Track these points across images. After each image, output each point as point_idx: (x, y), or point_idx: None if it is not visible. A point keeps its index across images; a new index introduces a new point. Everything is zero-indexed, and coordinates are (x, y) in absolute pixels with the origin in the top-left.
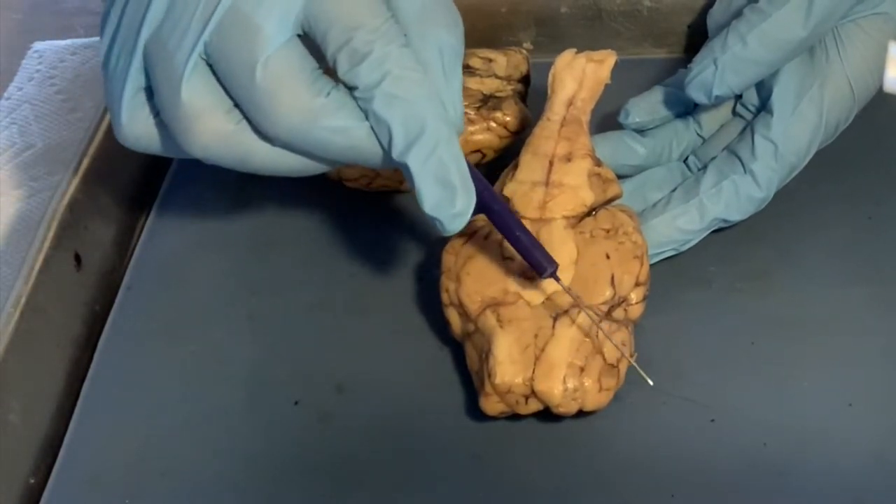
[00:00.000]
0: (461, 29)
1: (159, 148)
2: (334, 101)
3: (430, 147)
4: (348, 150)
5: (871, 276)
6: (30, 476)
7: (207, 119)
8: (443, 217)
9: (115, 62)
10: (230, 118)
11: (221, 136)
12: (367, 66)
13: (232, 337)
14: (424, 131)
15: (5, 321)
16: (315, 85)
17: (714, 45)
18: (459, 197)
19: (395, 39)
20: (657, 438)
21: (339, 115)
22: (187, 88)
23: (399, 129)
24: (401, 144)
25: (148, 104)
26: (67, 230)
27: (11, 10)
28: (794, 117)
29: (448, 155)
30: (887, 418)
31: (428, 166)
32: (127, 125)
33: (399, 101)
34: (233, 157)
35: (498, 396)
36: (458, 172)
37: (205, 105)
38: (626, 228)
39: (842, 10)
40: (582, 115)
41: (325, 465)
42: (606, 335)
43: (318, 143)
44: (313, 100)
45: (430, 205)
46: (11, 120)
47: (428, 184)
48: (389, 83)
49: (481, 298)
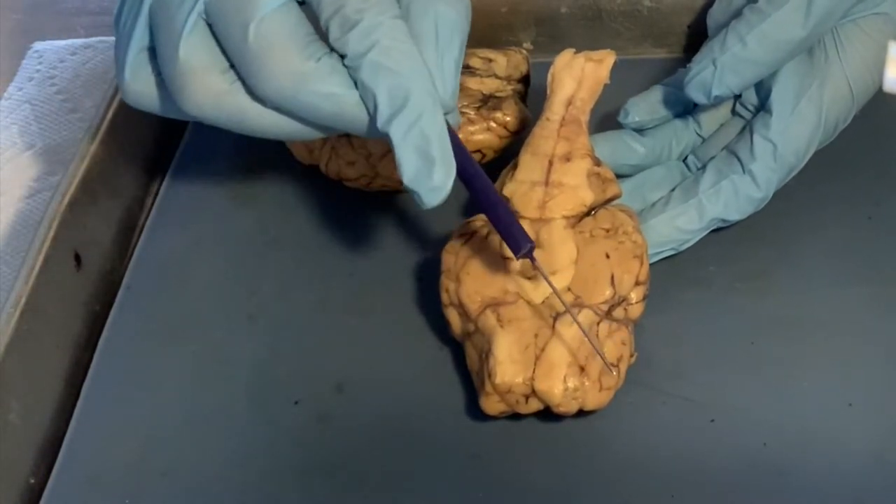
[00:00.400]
0: (465, 5)
1: (158, 107)
2: (325, 67)
3: (412, 118)
4: (336, 117)
5: (870, 276)
6: (30, 476)
7: (203, 78)
8: (420, 189)
9: (124, 22)
10: (225, 78)
11: (215, 96)
12: (357, 34)
13: (232, 337)
14: (408, 102)
15: (5, 321)
16: (307, 49)
17: (713, 45)
18: (437, 170)
19: (388, 10)
20: (657, 438)
21: (329, 81)
22: (185, 47)
23: (384, 98)
24: (385, 114)
25: (150, 64)
26: (67, 230)
27: (11, 10)
28: (793, 117)
29: (430, 127)
30: (887, 418)
31: (409, 138)
32: (130, 82)
33: (385, 70)
34: (226, 117)
35: (498, 396)
36: (438, 146)
37: (201, 64)
38: (625, 228)
39: (841, 10)
40: (581, 114)
41: (325, 465)
42: (587, 333)
43: (306, 107)
44: (303, 64)
45: (409, 176)
46: (11, 120)
47: (408, 155)
48: (377, 52)
49: (481, 298)
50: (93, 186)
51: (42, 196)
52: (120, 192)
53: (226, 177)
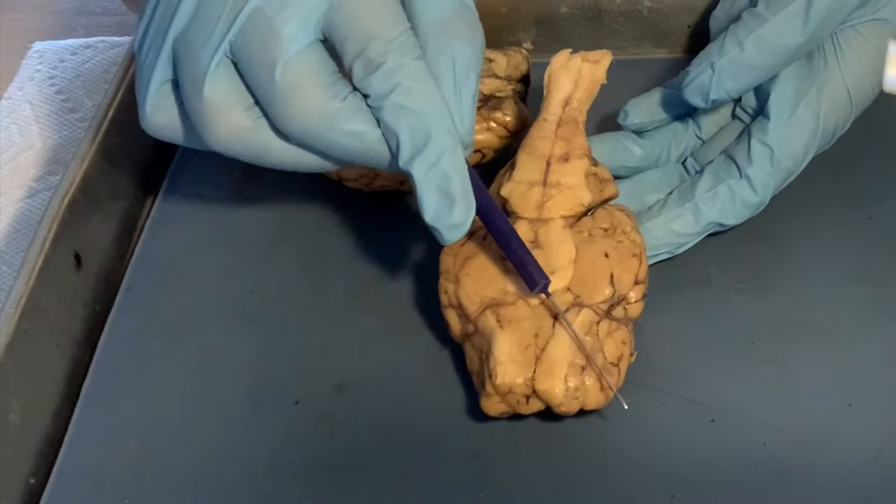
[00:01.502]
0: (481, 43)
1: (181, 139)
2: (350, 106)
3: (433, 158)
4: (360, 153)
5: (870, 277)
6: (30, 476)
7: (227, 115)
8: (441, 227)
9: (146, 54)
10: (249, 115)
11: (239, 132)
12: (380, 76)
13: (232, 337)
14: (429, 142)
15: (5, 321)
16: (332, 88)
17: (711, 49)
18: (458, 208)
19: (410, 52)
20: (657, 438)
21: (354, 119)
22: (210, 85)
23: (406, 138)
24: (407, 153)
25: (173, 96)
26: (67, 230)
27: (11, 10)
28: (790, 122)
29: (451, 167)
30: (887, 418)
31: (431, 176)
32: (151, 115)
33: (407, 111)
34: (249, 153)
35: (499, 397)
36: (459, 184)
37: (225, 101)
38: (624, 227)
39: (840, 16)
40: (578, 115)
41: (325, 465)
42: (582, 345)
43: (331, 145)
44: (330, 103)
45: (431, 214)
46: (11, 120)
47: (429, 193)
48: (399, 94)
49: (480, 299)
50: (93, 186)
51: (42, 196)
52: (120, 192)
53: (226, 177)
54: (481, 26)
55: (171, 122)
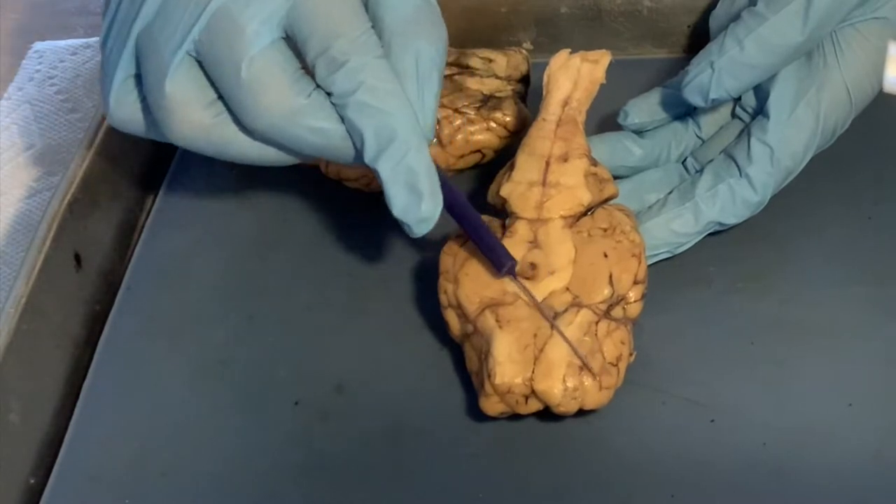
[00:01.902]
0: (444, 42)
1: (143, 131)
2: (314, 103)
3: (399, 155)
4: (324, 149)
5: (870, 277)
6: (30, 476)
7: (188, 111)
8: (410, 221)
9: (110, 49)
10: (210, 111)
11: (200, 128)
12: (343, 74)
13: (232, 337)
14: (395, 140)
15: (5, 321)
16: (297, 85)
17: (711, 48)
18: (426, 202)
19: (372, 51)
20: (657, 438)
21: (318, 116)
22: (171, 81)
23: (371, 136)
24: (372, 150)
25: (136, 90)
26: (67, 230)
27: (11, 10)
28: (790, 121)
29: (417, 163)
30: (887, 418)
31: (397, 172)
32: (115, 109)
33: (372, 109)
34: (210, 147)
35: (498, 397)
36: (426, 179)
37: (186, 98)
38: (623, 227)
39: (840, 14)
40: (577, 115)
41: (325, 465)
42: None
43: (296, 140)
44: (294, 99)
45: (399, 209)
46: (11, 120)
47: (397, 189)
48: (363, 92)
49: (480, 299)
50: (93, 186)
51: (42, 196)
52: (120, 192)
53: (226, 177)
54: (444, 25)
55: (134, 116)
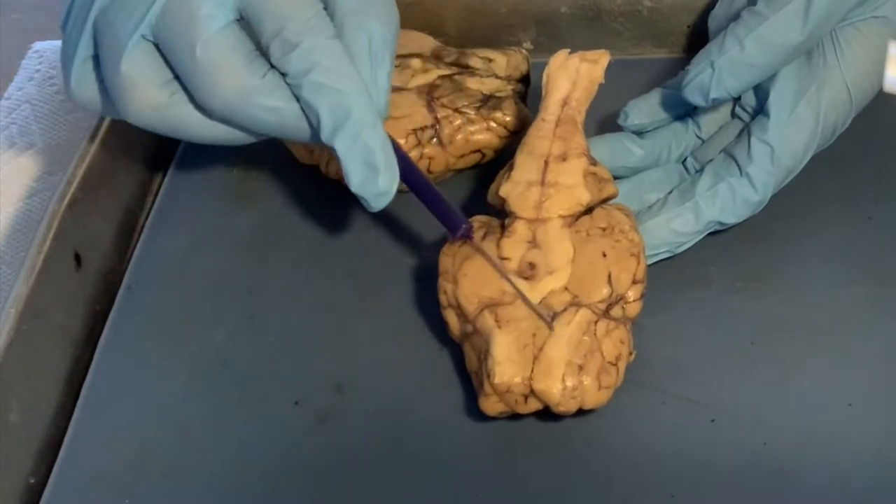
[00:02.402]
0: (395, 22)
1: (101, 110)
2: (269, 83)
3: (354, 132)
4: (279, 128)
5: (870, 276)
6: (30, 476)
7: (143, 91)
8: (367, 195)
9: (70, 31)
10: (164, 92)
11: (154, 107)
12: (297, 55)
13: (232, 337)
14: (350, 118)
15: (5, 321)
16: (251, 66)
17: (711, 47)
18: (382, 177)
19: (325, 32)
20: (657, 438)
21: (273, 95)
22: (127, 63)
23: (326, 114)
24: (328, 128)
25: (95, 71)
26: (67, 230)
27: (11, 10)
28: (790, 120)
29: (372, 139)
30: (887, 418)
31: (353, 149)
32: (75, 89)
33: (326, 89)
34: (165, 127)
35: (497, 396)
36: (382, 155)
37: (141, 78)
38: (622, 226)
39: (840, 13)
40: (576, 114)
41: (325, 465)
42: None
43: (251, 120)
44: (249, 80)
45: (356, 184)
46: (11, 120)
47: (354, 165)
48: (317, 73)
49: (478, 299)
50: (93, 186)
51: (42, 196)
52: (120, 192)
53: (226, 177)
54: (396, 7)
55: (94, 96)
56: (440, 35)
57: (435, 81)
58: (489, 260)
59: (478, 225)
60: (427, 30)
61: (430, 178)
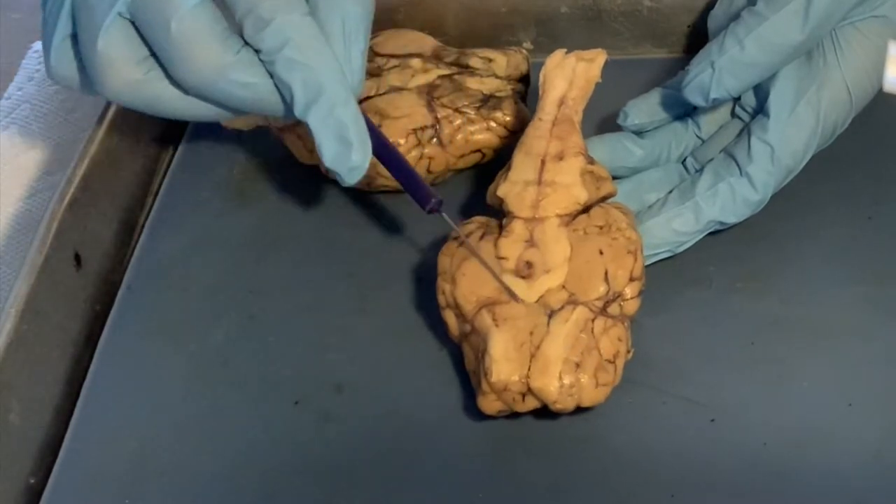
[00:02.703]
0: (370, 1)
1: (81, 88)
2: (243, 59)
3: (327, 108)
4: (254, 103)
5: (870, 276)
6: (30, 476)
7: (119, 68)
8: (340, 170)
9: (49, 9)
10: (140, 69)
11: (131, 84)
12: (270, 32)
13: (232, 337)
14: (322, 94)
15: (5, 321)
16: (226, 42)
17: (711, 47)
18: (355, 152)
19: (297, 8)
20: (657, 438)
21: (247, 71)
22: (103, 40)
23: (299, 90)
24: (301, 104)
25: (73, 50)
26: (67, 230)
27: (11, 10)
28: (790, 120)
29: (345, 115)
30: (887, 418)
31: (326, 125)
32: (55, 67)
33: (299, 65)
34: (141, 103)
35: (495, 395)
36: (354, 130)
37: (118, 56)
38: (619, 224)
39: (840, 13)
40: (573, 114)
41: (325, 465)
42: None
43: (226, 95)
44: (223, 56)
45: (329, 159)
46: (11, 120)
47: (327, 140)
48: (290, 49)
49: (476, 298)
50: (93, 186)
51: (42, 196)
52: (120, 192)
53: (226, 177)
54: None
55: (72, 74)
56: (440, 35)
57: (435, 81)
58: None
59: (476, 226)
60: (427, 30)
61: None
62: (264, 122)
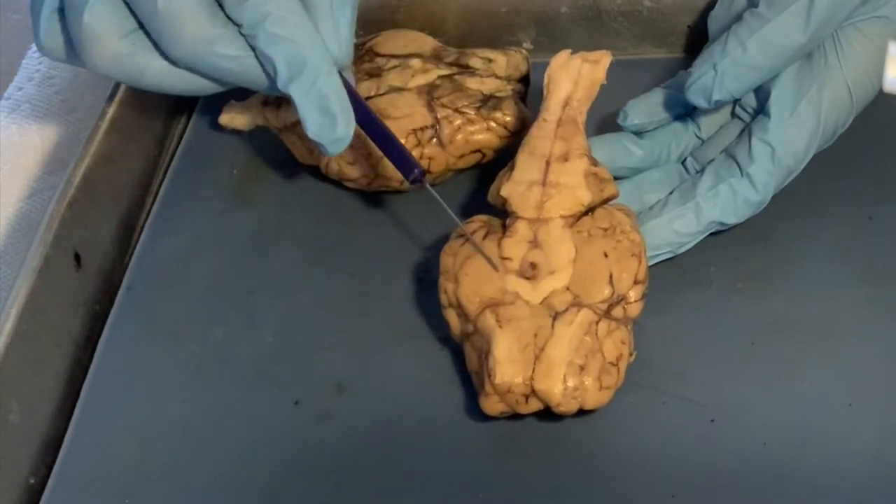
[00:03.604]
0: None
1: (69, 61)
2: (228, 33)
3: (309, 81)
4: (238, 76)
5: (871, 277)
6: (30, 476)
7: (104, 41)
8: (324, 141)
9: None
10: (125, 42)
11: (116, 57)
12: (250, 6)
13: (232, 337)
14: (305, 67)
15: (5, 321)
16: (212, 16)
17: (714, 49)
18: (339, 124)
19: None
20: (657, 438)
21: (232, 45)
22: (89, 14)
23: (281, 64)
24: (283, 77)
25: (60, 23)
26: (67, 230)
27: (11, 10)
28: (791, 120)
29: (328, 87)
30: (887, 418)
31: (309, 97)
32: (44, 40)
33: (280, 39)
34: (126, 76)
35: (498, 396)
36: (338, 103)
37: (103, 29)
38: (623, 227)
39: (842, 15)
40: (578, 115)
41: (325, 465)
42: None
43: (212, 68)
44: (209, 29)
45: (313, 131)
46: (11, 120)
47: (310, 112)
48: (271, 23)
49: (479, 299)
50: (93, 186)
51: (42, 196)
52: (120, 192)
53: (226, 177)
54: None
55: (60, 46)
56: (440, 35)
57: (435, 81)
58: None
59: (479, 224)
60: (427, 30)
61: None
62: (264, 122)
